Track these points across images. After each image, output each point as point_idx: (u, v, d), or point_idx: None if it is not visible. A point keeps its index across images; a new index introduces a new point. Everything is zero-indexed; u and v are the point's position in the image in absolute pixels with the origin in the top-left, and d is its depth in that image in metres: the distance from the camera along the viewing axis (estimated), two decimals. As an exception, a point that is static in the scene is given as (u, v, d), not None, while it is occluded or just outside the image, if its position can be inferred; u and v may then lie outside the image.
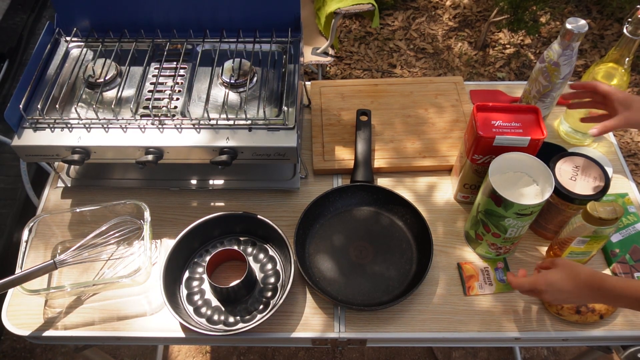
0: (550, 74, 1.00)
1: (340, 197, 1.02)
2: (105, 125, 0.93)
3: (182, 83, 0.99)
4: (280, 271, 0.95)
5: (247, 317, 0.90)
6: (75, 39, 1.06)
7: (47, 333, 0.89)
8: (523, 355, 1.64)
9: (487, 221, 0.88)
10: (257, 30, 1.05)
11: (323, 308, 0.91)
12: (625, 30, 0.92)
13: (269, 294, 0.92)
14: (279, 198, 1.05)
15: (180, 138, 0.92)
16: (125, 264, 0.96)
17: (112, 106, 0.95)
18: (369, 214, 1.02)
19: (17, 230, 1.68)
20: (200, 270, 0.95)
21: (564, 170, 0.91)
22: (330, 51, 1.82)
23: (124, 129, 0.93)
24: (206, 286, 0.93)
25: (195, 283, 0.94)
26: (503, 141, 0.87)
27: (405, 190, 1.06)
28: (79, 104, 0.96)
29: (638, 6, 0.90)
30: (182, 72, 1.01)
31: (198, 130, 0.93)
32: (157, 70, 1.01)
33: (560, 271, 0.78)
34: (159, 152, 0.92)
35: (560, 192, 0.87)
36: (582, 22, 0.93)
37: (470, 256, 0.97)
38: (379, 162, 1.08)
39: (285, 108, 0.93)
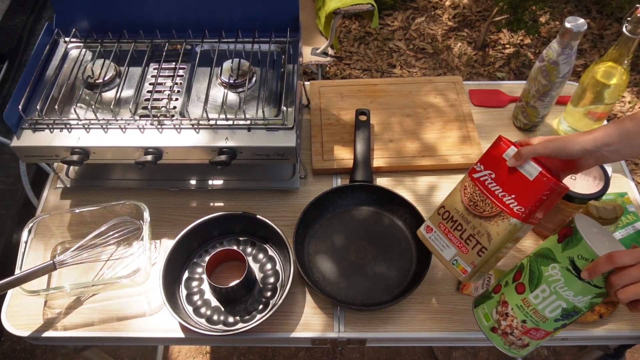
0: (549, 73, 1.00)
1: (340, 197, 1.02)
2: (104, 126, 0.93)
3: (181, 83, 0.99)
4: (280, 271, 0.95)
5: (247, 317, 0.90)
6: (74, 39, 1.06)
7: (46, 334, 0.89)
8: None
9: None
10: (256, 31, 1.05)
11: (323, 308, 0.91)
12: (624, 29, 0.92)
13: (269, 294, 0.92)
14: (278, 198, 1.05)
15: (179, 138, 0.92)
16: (124, 265, 0.96)
17: (111, 107, 0.95)
18: (368, 213, 1.02)
19: (17, 231, 1.68)
20: (199, 270, 0.95)
21: (564, 169, 0.91)
22: (330, 51, 1.82)
23: (123, 130, 0.93)
24: (206, 286, 0.93)
25: (194, 283, 0.94)
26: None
27: (404, 190, 1.06)
28: (78, 104, 0.96)
29: (637, 5, 0.90)
30: (181, 72, 1.01)
31: (197, 130, 0.93)
32: (156, 71, 1.01)
33: None
34: (158, 152, 0.92)
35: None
36: (581, 21, 0.93)
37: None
38: (378, 161, 1.08)
39: (284, 108, 0.93)
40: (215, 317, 0.90)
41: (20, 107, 0.92)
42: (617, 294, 0.61)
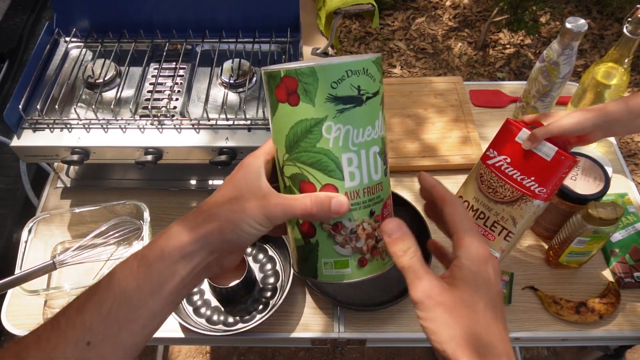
0: (549, 73, 1.00)
1: (340, 197, 1.01)
2: (104, 126, 0.93)
3: (181, 83, 0.99)
4: (280, 271, 0.95)
5: (247, 317, 0.89)
6: (74, 39, 1.06)
7: (46, 333, 0.89)
8: (523, 355, 1.64)
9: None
10: (256, 30, 1.05)
11: (322, 308, 0.91)
12: (625, 30, 0.92)
13: (269, 294, 0.92)
14: (279, 198, 1.05)
15: (179, 138, 0.92)
16: (124, 265, 0.95)
17: (112, 106, 0.95)
18: (368, 214, 1.02)
19: (17, 231, 1.68)
20: (199, 270, 0.95)
21: (564, 170, 0.91)
22: (330, 51, 1.82)
23: (123, 129, 0.93)
24: (205, 286, 0.93)
25: (194, 283, 0.94)
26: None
27: (405, 190, 1.06)
28: (79, 104, 0.96)
29: (638, 6, 0.90)
30: (181, 72, 1.01)
31: (197, 130, 0.93)
32: (156, 71, 1.01)
33: None
34: (158, 152, 0.92)
35: (560, 191, 0.87)
36: (582, 21, 0.93)
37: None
38: (378, 162, 1.08)
39: (284, 108, 0.93)
40: (215, 317, 0.90)
41: (20, 106, 0.92)
42: None
